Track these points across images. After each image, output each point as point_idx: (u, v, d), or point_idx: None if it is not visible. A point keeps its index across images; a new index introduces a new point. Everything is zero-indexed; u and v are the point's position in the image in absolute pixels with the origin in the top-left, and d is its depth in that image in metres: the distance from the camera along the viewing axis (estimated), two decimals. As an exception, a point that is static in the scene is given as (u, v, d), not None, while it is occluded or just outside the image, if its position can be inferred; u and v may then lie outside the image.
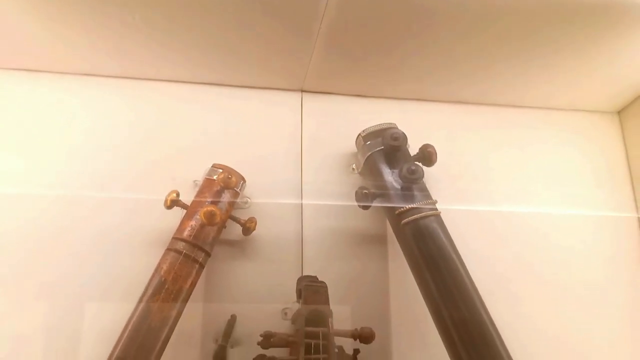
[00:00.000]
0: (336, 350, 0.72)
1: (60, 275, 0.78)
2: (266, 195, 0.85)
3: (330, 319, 0.72)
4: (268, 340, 0.73)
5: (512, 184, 0.96)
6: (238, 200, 0.80)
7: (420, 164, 0.77)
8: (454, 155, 0.94)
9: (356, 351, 0.75)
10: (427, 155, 0.81)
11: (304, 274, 0.80)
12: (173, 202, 0.75)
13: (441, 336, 0.70)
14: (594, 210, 0.97)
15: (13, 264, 0.78)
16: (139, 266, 0.75)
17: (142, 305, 0.67)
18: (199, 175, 0.80)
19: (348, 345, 0.74)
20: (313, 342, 0.70)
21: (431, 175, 0.80)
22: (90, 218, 0.82)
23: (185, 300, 0.70)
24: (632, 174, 1.01)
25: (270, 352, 0.73)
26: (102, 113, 0.88)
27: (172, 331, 0.68)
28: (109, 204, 0.83)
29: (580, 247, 0.94)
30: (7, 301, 0.76)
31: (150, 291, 0.68)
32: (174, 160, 0.86)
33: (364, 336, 0.74)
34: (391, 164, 0.80)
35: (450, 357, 0.69)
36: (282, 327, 0.76)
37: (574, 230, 0.95)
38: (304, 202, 0.86)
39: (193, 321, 0.77)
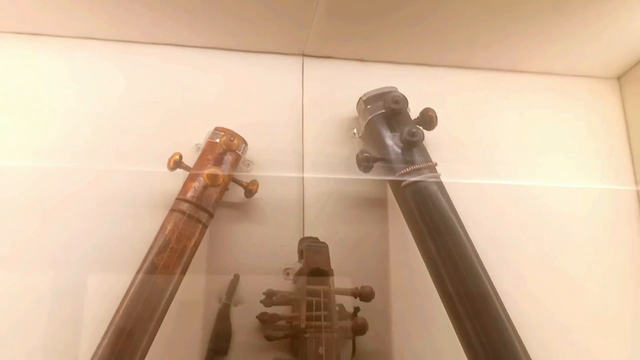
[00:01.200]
0: (337, 308, 0.75)
1: (66, 240, 0.79)
2: (267, 158, 0.86)
3: (331, 278, 0.74)
4: (270, 298, 0.75)
5: (511, 150, 0.96)
6: (240, 163, 0.81)
7: (420, 127, 0.78)
8: (454, 120, 0.94)
9: (356, 309, 0.77)
10: (428, 119, 0.82)
11: (305, 236, 0.82)
12: (176, 164, 0.76)
13: (441, 297, 0.72)
14: (592, 178, 0.98)
15: (16, 234, 0.78)
16: (144, 229, 0.76)
17: (147, 263, 0.69)
18: (201, 139, 0.80)
19: (348, 303, 0.77)
20: (314, 299, 0.72)
21: (431, 140, 0.81)
22: (93, 183, 0.82)
23: (189, 259, 0.71)
24: (630, 140, 1.01)
25: (272, 309, 0.75)
26: (101, 77, 0.88)
27: (176, 290, 0.70)
28: (112, 169, 0.84)
29: (579, 214, 0.95)
30: (12, 270, 0.77)
31: (155, 250, 0.69)
32: (176, 125, 0.87)
33: (364, 294, 0.76)
34: (392, 128, 0.80)
35: (447, 310, 0.71)
36: (284, 287, 0.77)
37: (572, 198, 0.95)
38: (305, 165, 0.87)
39: (197, 281, 0.78)
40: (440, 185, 0.76)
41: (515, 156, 0.96)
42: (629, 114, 1.02)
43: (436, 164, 0.77)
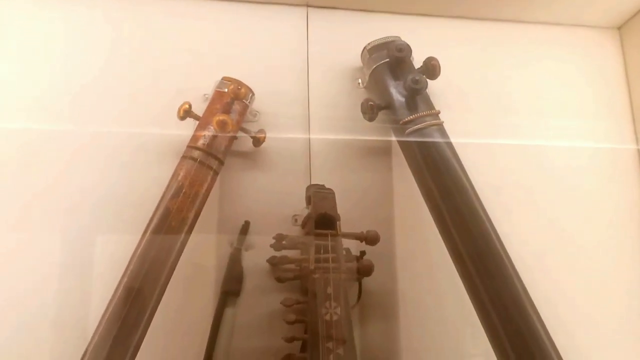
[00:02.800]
0: (344, 251, 0.78)
1: (78, 195, 0.82)
2: (274, 109, 0.87)
3: (338, 222, 0.77)
4: (280, 242, 0.78)
5: (510, 100, 0.97)
6: (247, 113, 0.83)
7: (424, 76, 0.79)
8: (456, 70, 0.95)
9: (362, 253, 0.80)
10: (431, 68, 0.83)
11: (312, 183, 0.84)
12: (186, 113, 0.78)
13: (443, 238, 0.74)
14: (592, 130, 0.99)
15: (25, 194, 0.81)
16: (156, 178, 0.77)
17: (161, 208, 0.71)
18: (209, 90, 0.82)
19: (354, 248, 0.80)
20: (322, 243, 0.75)
21: (434, 90, 0.82)
22: (103, 135, 0.84)
23: (202, 204, 0.74)
24: (630, 91, 1.02)
25: (281, 253, 0.79)
26: (108, 31, 0.89)
27: (190, 235, 0.73)
28: (123, 119, 0.86)
29: (579, 166, 0.96)
30: (22, 229, 0.80)
31: (168, 195, 0.72)
32: (183, 76, 0.88)
33: (370, 238, 0.78)
34: (396, 76, 0.82)
35: (450, 251, 0.73)
36: (293, 232, 0.80)
37: (572, 149, 0.97)
38: (311, 115, 0.88)
39: (209, 228, 0.81)
40: (443, 133, 0.78)
41: (515, 106, 0.97)
42: (629, 64, 1.03)
43: (439, 112, 0.79)
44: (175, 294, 0.74)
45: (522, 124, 0.97)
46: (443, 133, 0.78)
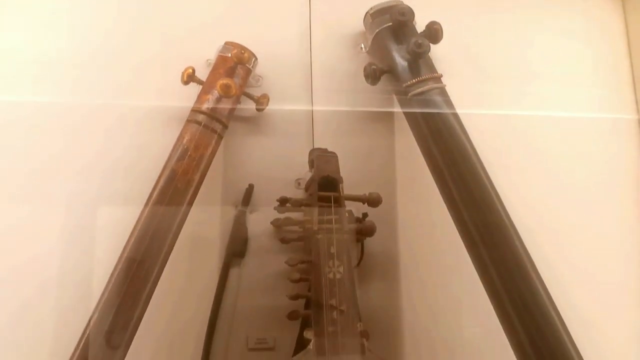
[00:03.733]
0: (346, 214, 0.79)
1: (83, 165, 0.83)
2: (276, 74, 0.88)
3: (340, 185, 0.78)
4: (284, 204, 0.79)
5: (511, 68, 0.97)
6: (250, 78, 0.83)
7: (426, 40, 0.79)
8: (457, 36, 0.94)
9: (365, 215, 0.81)
10: (434, 32, 0.83)
11: (315, 147, 0.86)
12: (189, 78, 0.78)
13: (444, 197, 0.76)
14: (592, 101, 0.99)
15: (28, 164, 0.82)
16: (160, 142, 0.79)
17: (166, 170, 0.73)
18: (211, 55, 0.82)
19: (357, 210, 0.81)
20: (325, 204, 0.77)
21: (435, 55, 0.82)
22: (107, 104, 0.85)
23: (206, 167, 0.75)
24: (632, 59, 1.01)
25: (285, 215, 0.80)
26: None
27: (195, 196, 0.74)
28: (127, 85, 0.87)
29: (580, 139, 0.97)
30: (29, 199, 0.81)
31: (174, 158, 0.73)
32: (185, 42, 0.89)
33: (372, 200, 0.80)
34: (398, 41, 0.82)
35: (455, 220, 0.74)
36: (296, 196, 0.82)
37: (573, 122, 0.97)
38: (313, 80, 0.89)
39: (214, 191, 0.83)
40: (446, 96, 0.79)
41: (515, 74, 0.97)
42: (631, 32, 1.02)
43: (441, 75, 0.79)
44: (182, 257, 0.77)
45: (523, 91, 0.96)
46: (445, 96, 0.79)
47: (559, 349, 0.66)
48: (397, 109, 0.84)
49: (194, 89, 0.79)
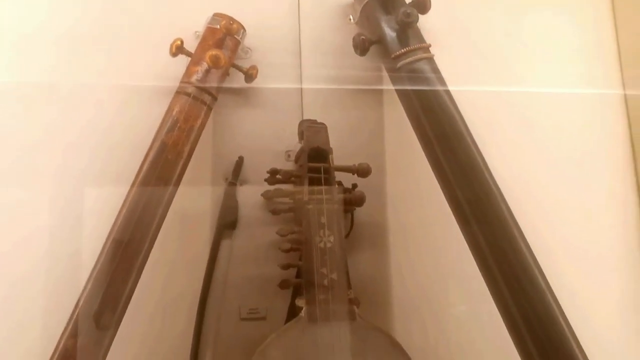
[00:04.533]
0: (336, 184, 0.80)
1: (70, 144, 0.83)
2: (265, 45, 0.87)
3: (330, 155, 0.79)
4: (274, 176, 0.80)
5: (497, 44, 0.97)
6: (239, 50, 0.83)
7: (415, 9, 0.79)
8: (445, 8, 0.94)
9: (354, 185, 0.82)
10: (422, 3, 0.82)
11: (304, 119, 0.86)
12: (178, 49, 0.78)
13: (435, 172, 0.76)
14: (579, 77, 0.99)
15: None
16: (149, 114, 0.79)
17: (156, 142, 0.73)
18: (199, 27, 0.82)
19: (347, 181, 0.82)
20: (315, 175, 0.77)
21: (423, 26, 0.82)
22: (95, 72, 0.85)
23: (196, 139, 0.75)
24: (618, 35, 1.01)
25: (275, 187, 0.80)
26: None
27: (185, 168, 0.74)
28: (114, 58, 0.86)
29: (568, 115, 0.97)
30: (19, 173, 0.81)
31: (164, 129, 0.73)
32: (173, 14, 0.88)
33: (362, 171, 0.80)
34: (387, 11, 0.81)
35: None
36: (286, 168, 0.82)
37: (560, 98, 0.97)
38: (302, 52, 0.89)
39: (204, 163, 0.83)
40: (434, 66, 0.79)
41: (501, 49, 0.97)
42: (617, 5, 1.01)
43: (430, 45, 0.79)
44: (173, 230, 0.78)
45: (510, 65, 0.96)
46: (433, 65, 0.79)
47: (547, 316, 0.67)
48: (387, 81, 0.84)
49: (183, 62, 0.79)
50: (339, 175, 0.80)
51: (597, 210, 0.94)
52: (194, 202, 0.82)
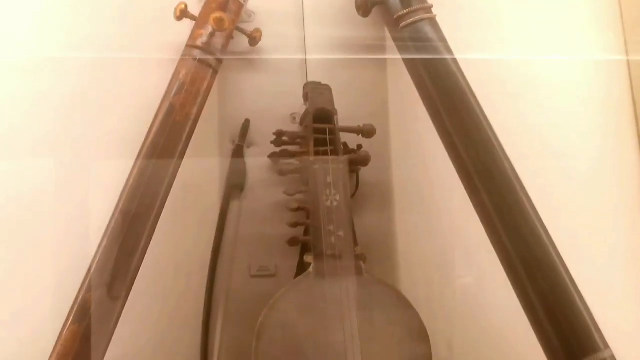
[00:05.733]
0: (341, 145, 0.81)
1: (75, 118, 0.84)
2: (268, 8, 0.88)
3: (335, 117, 0.80)
4: (280, 138, 0.81)
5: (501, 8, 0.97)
6: (243, 13, 0.84)
7: (416, -31, 0.79)
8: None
9: (359, 146, 0.83)
10: (424, -38, 0.83)
11: (308, 81, 0.87)
12: (182, 13, 0.78)
13: (436, 127, 0.77)
14: (581, 43, 0.99)
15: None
16: (156, 78, 0.79)
17: (164, 104, 0.74)
18: (203, -8, 0.82)
19: (352, 141, 0.83)
20: (321, 136, 0.79)
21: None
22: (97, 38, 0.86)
23: (203, 101, 0.76)
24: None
25: (282, 149, 0.82)
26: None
27: (193, 130, 0.76)
28: (118, 24, 0.87)
29: (570, 81, 0.97)
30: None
31: (171, 92, 0.74)
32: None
33: (366, 131, 0.82)
34: (389, -29, 0.82)
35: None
36: (292, 130, 0.83)
37: (562, 64, 0.97)
38: (305, 14, 0.89)
39: (211, 126, 0.84)
40: (436, 26, 0.80)
41: (503, 12, 0.96)
42: None
43: (432, 6, 0.80)
44: (183, 192, 0.79)
45: (512, 31, 0.96)
46: (435, 26, 0.79)
47: (548, 265, 0.69)
48: (390, 42, 0.84)
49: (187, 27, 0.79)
50: (344, 136, 0.81)
51: (600, 174, 0.95)
52: (202, 164, 0.84)
